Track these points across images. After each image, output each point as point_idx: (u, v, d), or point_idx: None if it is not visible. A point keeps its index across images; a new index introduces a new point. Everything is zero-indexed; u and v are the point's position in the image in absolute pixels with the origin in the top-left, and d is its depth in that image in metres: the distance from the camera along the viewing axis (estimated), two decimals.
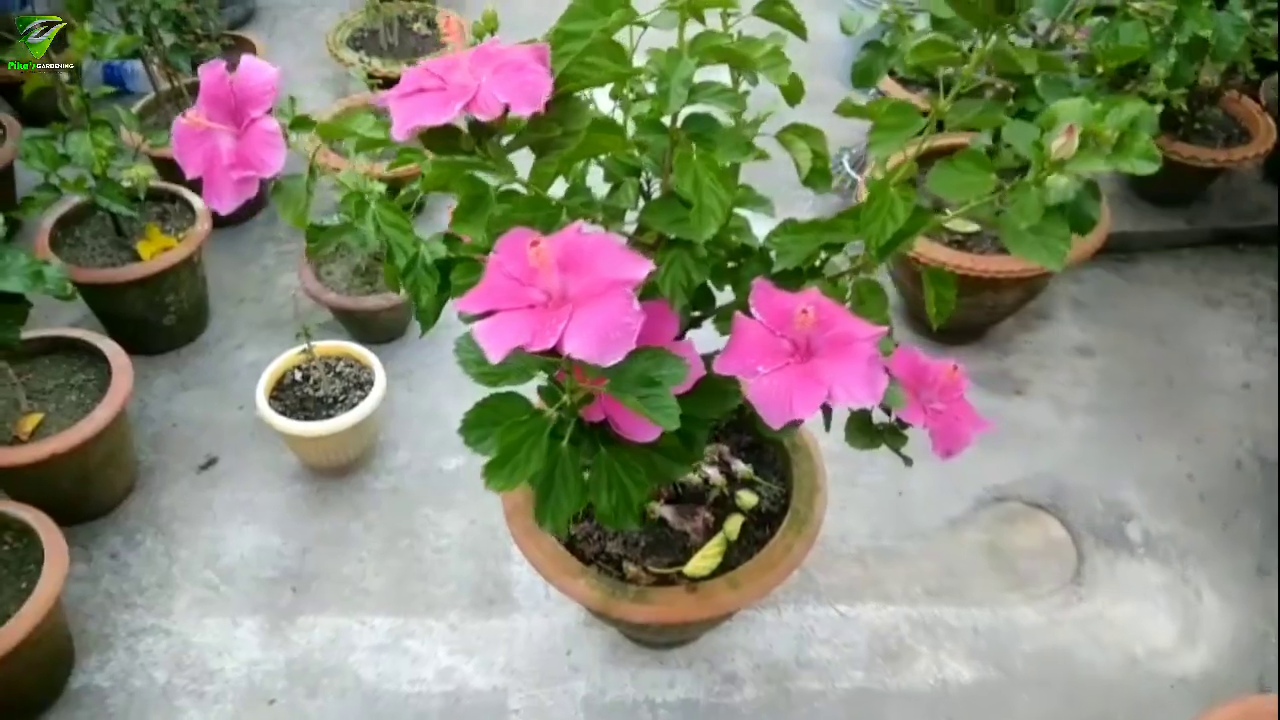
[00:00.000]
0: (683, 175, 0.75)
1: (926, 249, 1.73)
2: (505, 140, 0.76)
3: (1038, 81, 1.62)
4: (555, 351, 0.64)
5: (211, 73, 0.82)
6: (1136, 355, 1.97)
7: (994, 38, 0.77)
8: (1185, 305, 2.09)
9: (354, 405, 1.62)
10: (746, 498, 1.30)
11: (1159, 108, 2.04)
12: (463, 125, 0.72)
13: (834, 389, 0.75)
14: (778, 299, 0.80)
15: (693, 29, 0.80)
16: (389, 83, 2.02)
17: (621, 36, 0.73)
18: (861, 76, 1.44)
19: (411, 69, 0.75)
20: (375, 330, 1.91)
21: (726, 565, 1.23)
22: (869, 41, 1.51)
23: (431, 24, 2.64)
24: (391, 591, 1.54)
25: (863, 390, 0.75)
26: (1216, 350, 1.99)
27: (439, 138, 0.71)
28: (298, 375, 1.67)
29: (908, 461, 1.03)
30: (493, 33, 0.88)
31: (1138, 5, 1.53)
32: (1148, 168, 1.33)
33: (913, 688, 1.43)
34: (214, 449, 1.76)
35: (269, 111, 0.80)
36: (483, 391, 0.80)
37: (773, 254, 0.92)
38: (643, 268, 0.68)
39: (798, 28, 0.90)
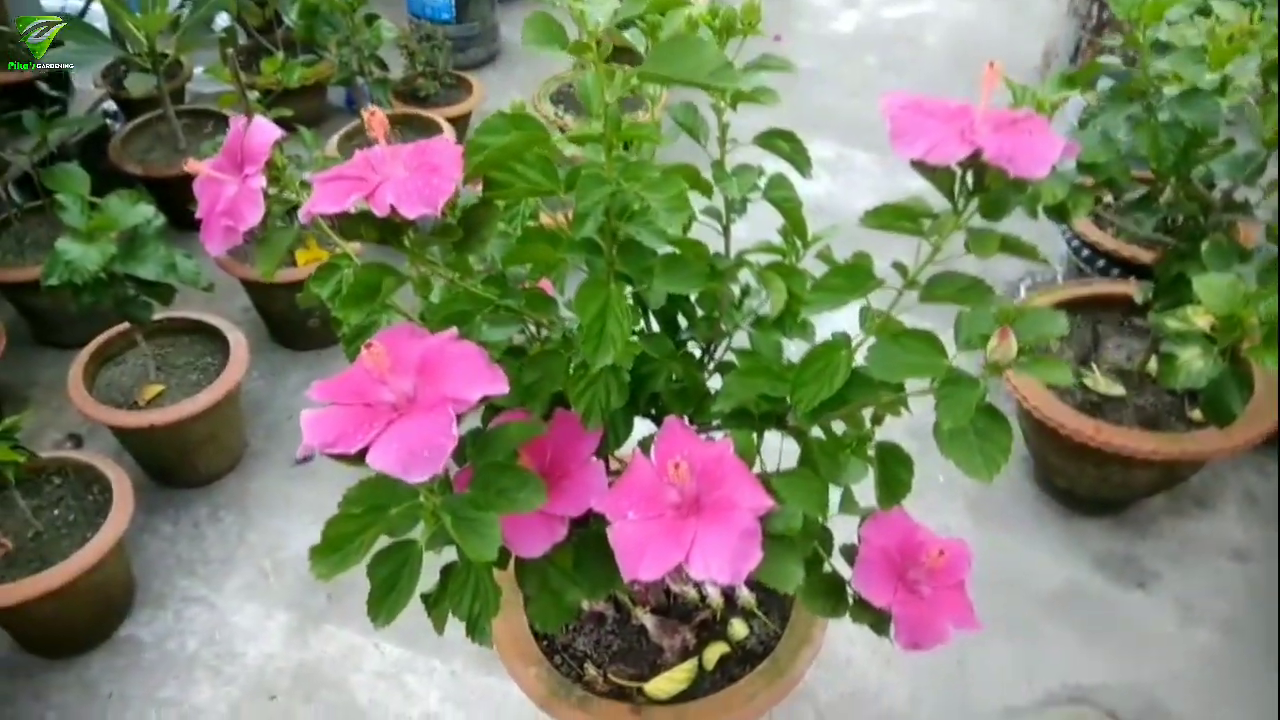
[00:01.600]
0: (587, 302, 0.72)
1: (1046, 406, 1.55)
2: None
3: (1205, 244, 1.42)
4: (361, 458, 0.63)
5: (235, 126, 0.89)
6: None
7: (964, 210, 0.68)
8: None
9: None
10: (738, 628, 1.22)
11: None
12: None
13: (692, 554, 0.69)
14: (678, 442, 0.75)
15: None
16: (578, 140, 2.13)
17: None
18: (1056, 210, 1.40)
19: (361, 152, 0.78)
20: None
21: (690, 694, 1.16)
22: None
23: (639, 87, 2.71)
24: (411, 622, 1.53)
25: (722, 564, 0.68)
26: None
27: (349, 225, 0.73)
28: None
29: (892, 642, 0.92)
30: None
31: None
32: None
33: None
34: None
35: (261, 170, 0.86)
36: None
37: None
38: (487, 388, 0.66)
39: (799, 161, 0.85)
